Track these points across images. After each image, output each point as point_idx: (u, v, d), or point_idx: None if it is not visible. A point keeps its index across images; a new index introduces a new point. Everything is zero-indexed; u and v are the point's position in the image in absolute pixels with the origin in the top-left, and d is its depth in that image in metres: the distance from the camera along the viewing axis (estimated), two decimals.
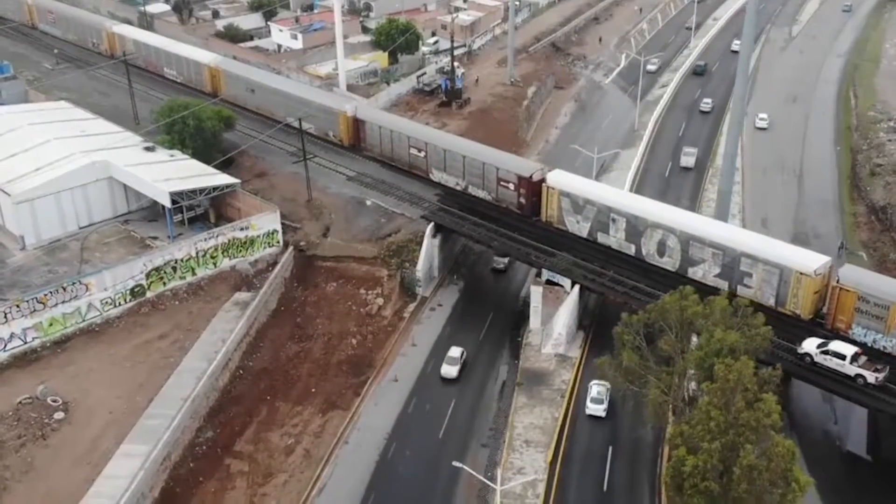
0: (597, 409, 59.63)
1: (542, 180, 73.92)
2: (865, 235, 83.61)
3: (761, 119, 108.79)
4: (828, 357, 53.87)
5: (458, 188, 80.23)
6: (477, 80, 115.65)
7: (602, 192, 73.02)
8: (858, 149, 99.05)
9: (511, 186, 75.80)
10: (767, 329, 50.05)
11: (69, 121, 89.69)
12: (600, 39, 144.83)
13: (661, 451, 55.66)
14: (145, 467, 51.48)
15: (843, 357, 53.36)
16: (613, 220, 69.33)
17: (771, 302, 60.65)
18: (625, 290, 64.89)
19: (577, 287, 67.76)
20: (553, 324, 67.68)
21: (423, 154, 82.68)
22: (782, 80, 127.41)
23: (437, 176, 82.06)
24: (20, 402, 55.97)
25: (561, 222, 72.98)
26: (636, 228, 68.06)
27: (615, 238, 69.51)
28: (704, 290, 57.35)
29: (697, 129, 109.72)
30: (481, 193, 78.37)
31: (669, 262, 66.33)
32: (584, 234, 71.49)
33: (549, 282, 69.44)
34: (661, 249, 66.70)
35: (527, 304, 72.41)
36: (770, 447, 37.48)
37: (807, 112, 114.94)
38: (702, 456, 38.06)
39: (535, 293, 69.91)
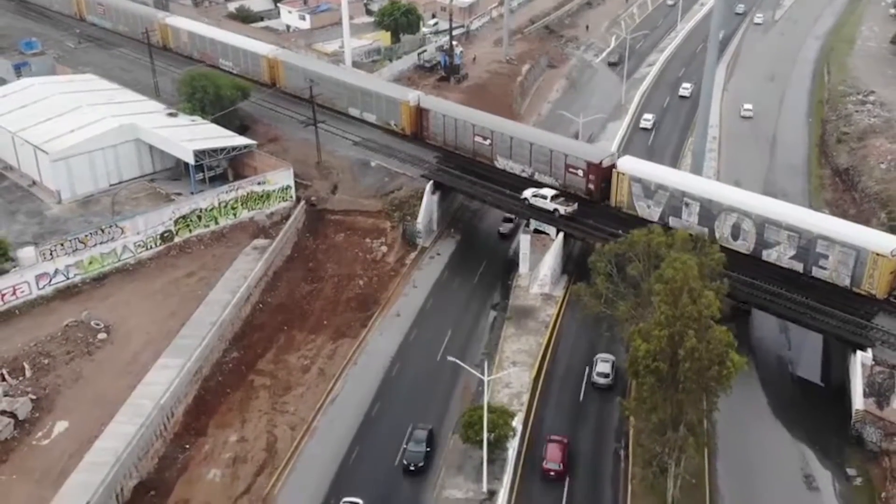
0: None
1: (613, 166, 76.19)
2: (829, 195, 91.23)
3: (746, 109, 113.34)
4: (537, 199, 75.46)
5: (524, 175, 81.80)
6: (475, 59, 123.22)
7: (675, 176, 75.11)
8: (828, 119, 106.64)
9: (580, 173, 77.37)
10: (721, 256, 57.80)
11: (96, 90, 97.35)
12: (587, 27, 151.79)
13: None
14: (180, 377, 59.26)
15: (545, 197, 75.13)
16: (686, 205, 70.79)
17: (846, 282, 63.23)
18: (603, 235, 72.44)
19: (561, 234, 75.42)
20: (540, 267, 75.30)
21: (488, 142, 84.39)
22: (763, 59, 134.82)
23: (501, 163, 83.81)
24: (67, 325, 63.70)
25: (631, 207, 74.64)
26: (710, 212, 69.67)
27: (687, 222, 70.56)
28: (779, 272, 63.69)
29: (681, 102, 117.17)
30: (548, 180, 79.80)
31: (743, 245, 68.04)
32: (655, 218, 72.54)
33: (536, 231, 77.14)
34: (736, 233, 68.35)
35: (516, 254, 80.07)
36: (710, 334, 45.03)
37: (783, 89, 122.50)
38: (653, 343, 45.66)
39: (524, 241, 77.50)
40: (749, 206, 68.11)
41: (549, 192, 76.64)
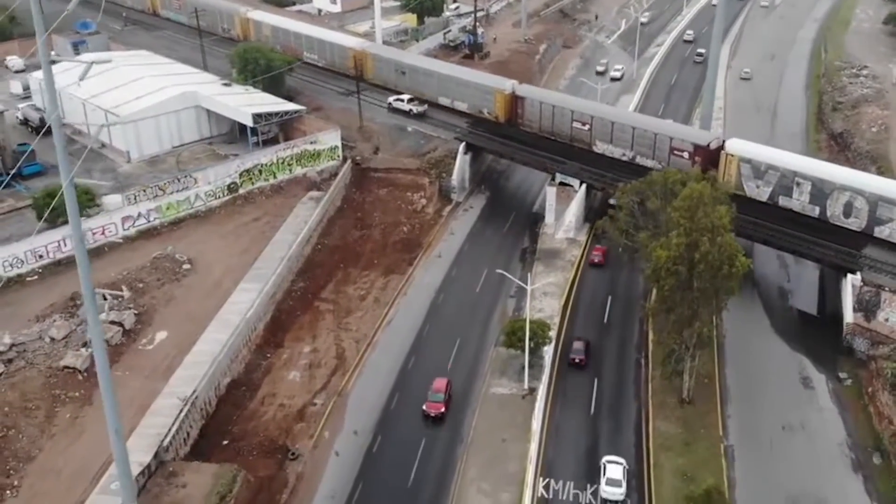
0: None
1: (720, 148, 78.69)
2: (825, 156, 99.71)
3: (745, 72, 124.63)
4: (397, 102, 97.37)
5: (625, 159, 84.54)
6: (495, 39, 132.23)
7: (785, 157, 76.85)
8: (825, 91, 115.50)
9: (685, 155, 79.18)
10: (730, 187, 66.66)
11: (153, 64, 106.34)
12: (596, 16, 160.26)
13: (649, 295, 72.04)
14: (259, 298, 68.22)
15: (403, 101, 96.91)
16: (797, 184, 72.93)
17: None
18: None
19: (584, 186, 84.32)
20: (565, 214, 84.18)
21: (587, 127, 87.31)
22: (764, 40, 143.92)
23: (601, 147, 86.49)
24: (155, 257, 72.69)
25: (739, 188, 76.07)
26: (822, 191, 71.94)
27: (798, 201, 72.99)
28: (891, 249, 67.46)
29: (688, 77, 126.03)
30: (650, 163, 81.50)
31: (855, 223, 70.52)
32: (765, 198, 75.02)
33: (561, 183, 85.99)
34: (848, 211, 70.63)
35: (542, 208, 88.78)
36: (721, 241, 53.79)
37: (783, 66, 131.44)
38: (672, 250, 54.49)
39: (550, 193, 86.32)
40: (862, 185, 70.48)
41: (406, 97, 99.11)
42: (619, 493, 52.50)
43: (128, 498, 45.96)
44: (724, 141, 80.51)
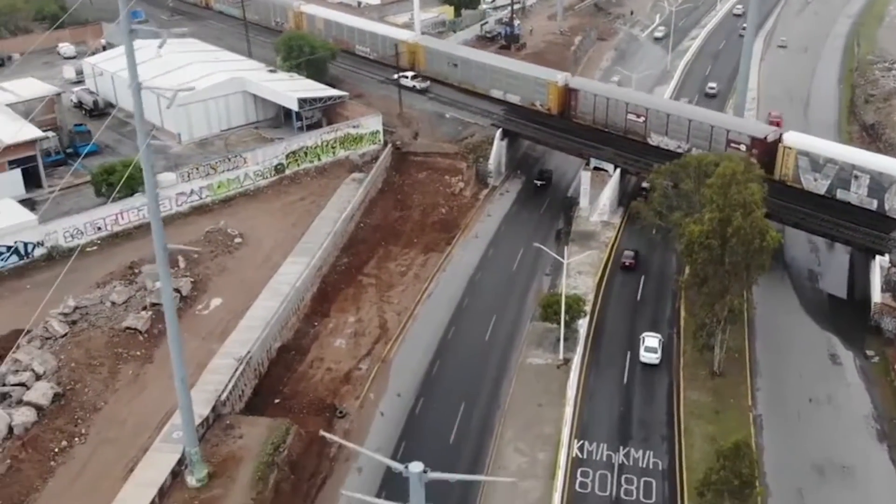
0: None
1: (778, 141, 79.22)
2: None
3: (782, 40, 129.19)
4: (403, 79, 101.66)
5: (680, 151, 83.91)
6: (531, 31, 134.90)
7: (844, 150, 77.79)
8: (857, 84, 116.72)
9: (742, 147, 79.29)
10: (760, 171, 68.78)
11: (201, 51, 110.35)
12: (631, 12, 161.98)
13: (682, 271, 74.25)
14: (307, 270, 71.59)
15: (407, 77, 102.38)
16: (856, 177, 73.30)
17: None
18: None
19: (618, 170, 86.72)
20: (599, 198, 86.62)
21: (642, 119, 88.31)
22: (798, 35, 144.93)
23: (655, 140, 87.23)
24: (208, 231, 76.28)
25: (796, 180, 77.39)
26: (880, 184, 72.43)
27: (856, 194, 73.52)
28: None
29: (720, 70, 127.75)
30: None
31: None
32: (822, 191, 75.71)
33: (596, 168, 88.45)
34: None
35: (576, 193, 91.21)
36: (753, 215, 56.05)
37: (816, 60, 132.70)
38: (706, 225, 56.88)
39: (585, 177, 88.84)
40: None
41: (410, 74, 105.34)
42: (654, 357, 63.69)
43: (191, 442, 49.33)
44: (781, 134, 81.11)
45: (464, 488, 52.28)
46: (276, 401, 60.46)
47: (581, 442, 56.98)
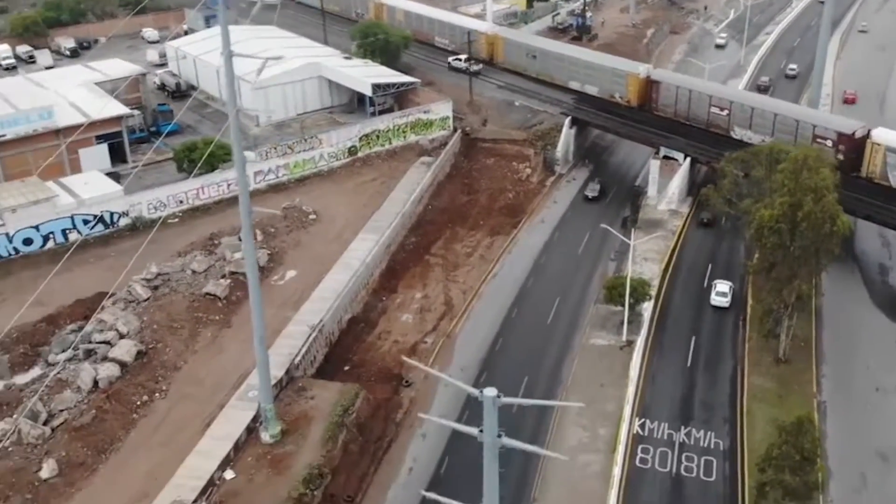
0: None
1: (866, 137, 77.77)
2: None
3: (863, 24, 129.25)
4: (455, 61, 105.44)
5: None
6: (603, 23, 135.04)
7: None
8: None
9: (829, 143, 77.81)
10: (832, 158, 68.15)
11: (279, 38, 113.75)
12: (705, 7, 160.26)
13: (750, 257, 73.83)
14: (377, 247, 73.77)
15: (460, 60, 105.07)
16: None
17: None
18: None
19: (688, 160, 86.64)
20: (668, 186, 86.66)
21: (725, 113, 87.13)
22: (875, 33, 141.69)
23: (739, 133, 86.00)
24: (284, 207, 79.08)
25: (884, 177, 75.55)
26: None
27: None
28: None
29: (796, 63, 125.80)
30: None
31: None
32: None
33: (665, 157, 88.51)
34: None
35: (644, 181, 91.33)
36: (824, 200, 55.85)
37: (894, 57, 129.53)
38: (776, 209, 56.90)
39: (654, 166, 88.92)
40: None
41: (463, 56, 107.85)
42: (724, 301, 68.60)
43: (266, 399, 51.75)
44: (869, 130, 79.43)
45: (525, 458, 53.63)
46: (346, 368, 62.68)
47: (642, 420, 57.67)
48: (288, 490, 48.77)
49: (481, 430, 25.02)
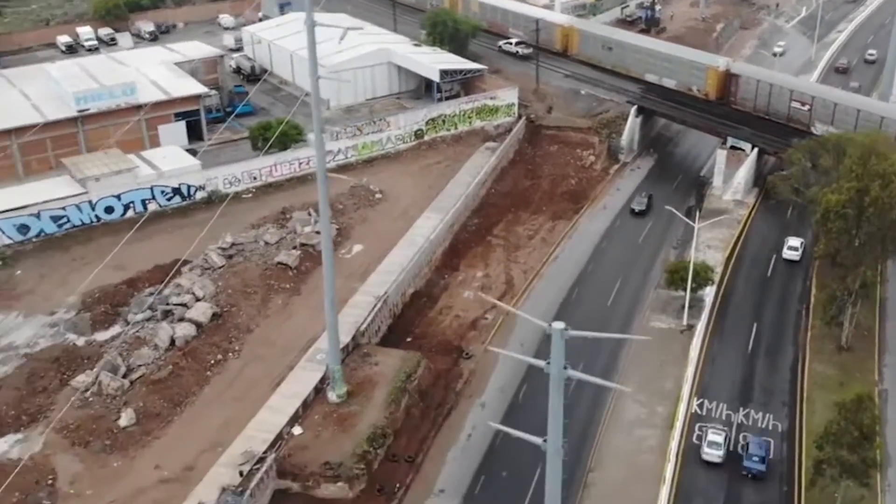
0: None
1: None
2: None
3: None
4: (506, 45, 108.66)
5: None
6: (672, 16, 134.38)
7: None
8: None
9: None
10: None
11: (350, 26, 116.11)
12: (777, 4, 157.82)
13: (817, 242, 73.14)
14: (440, 226, 75.44)
15: (511, 44, 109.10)
16: None
17: None
18: None
19: (755, 150, 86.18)
20: (735, 176, 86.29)
21: (807, 108, 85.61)
22: None
23: (820, 129, 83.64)
24: (352, 186, 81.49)
25: None
26: None
27: None
28: None
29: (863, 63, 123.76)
30: None
31: None
32: None
33: (732, 147, 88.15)
34: None
35: (710, 172, 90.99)
36: (891, 186, 55.46)
37: None
38: (843, 194, 56.71)
39: (721, 156, 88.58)
40: None
41: (515, 40, 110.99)
42: (796, 255, 74.10)
43: (334, 360, 53.85)
44: None
45: (583, 428, 54.75)
46: (408, 339, 64.47)
47: (700, 400, 58.14)
48: (353, 447, 50.78)
49: (548, 363, 26.34)
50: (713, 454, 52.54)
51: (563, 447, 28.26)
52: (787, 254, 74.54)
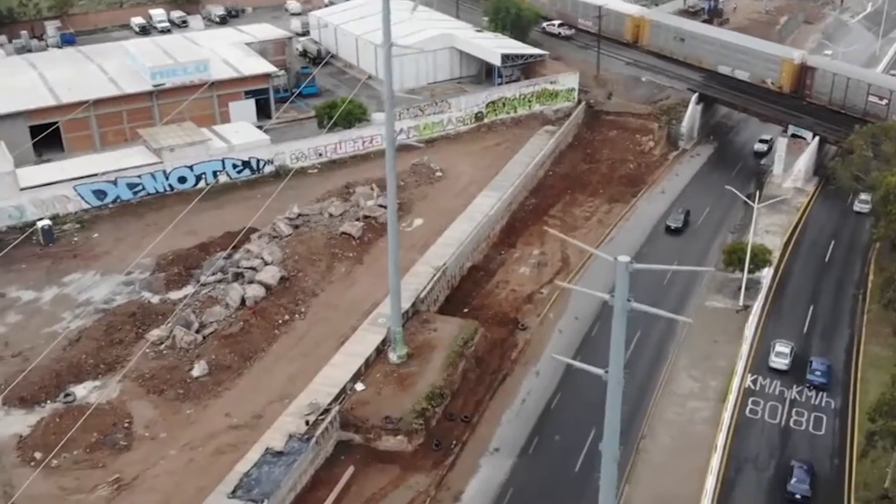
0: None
1: None
2: None
3: None
4: (549, 26, 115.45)
5: None
6: (735, 8, 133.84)
7: None
8: None
9: None
10: None
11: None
12: (842, 1, 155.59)
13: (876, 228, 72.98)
14: (498, 204, 77.07)
15: (554, 25, 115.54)
16: None
17: None
18: None
19: (816, 138, 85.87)
20: (795, 164, 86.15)
21: (884, 102, 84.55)
22: None
23: None
24: (413, 164, 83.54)
25: None
26: None
27: None
28: None
29: None
30: None
31: None
32: None
33: (793, 135, 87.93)
34: None
35: (770, 161, 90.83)
36: None
37: None
38: None
39: (781, 144, 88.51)
40: None
41: (557, 22, 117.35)
42: (866, 207, 77.65)
43: (395, 322, 55.94)
44: None
45: (636, 398, 55.89)
46: (465, 310, 66.13)
47: (755, 376, 58.77)
48: (412, 404, 52.76)
49: (612, 295, 27.89)
50: (780, 362, 59.35)
51: (623, 378, 29.72)
52: (858, 206, 78.61)
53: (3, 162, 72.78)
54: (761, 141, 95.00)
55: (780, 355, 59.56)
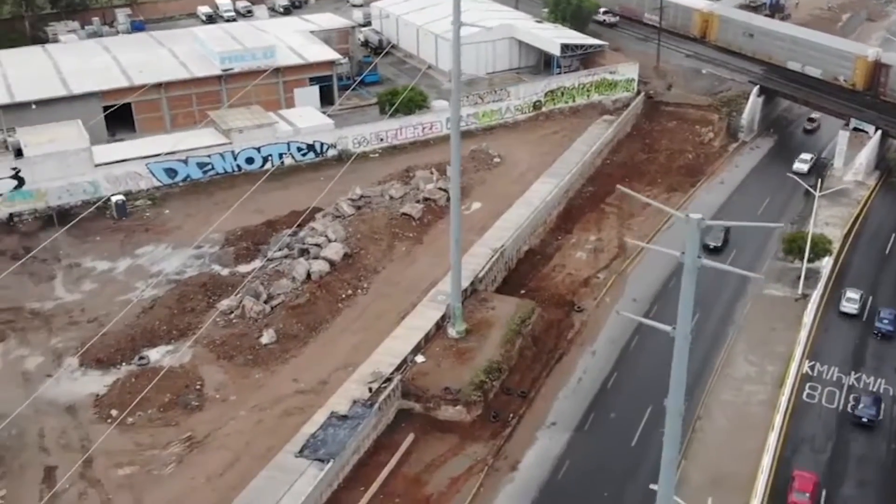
0: None
1: None
2: None
3: None
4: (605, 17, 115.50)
5: None
6: (797, 4, 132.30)
7: None
8: None
9: None
10: None
11: (472, 1, 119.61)
12: None
13: None
14: (555, 190, 78.00)
15: (599, 13, 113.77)
16: None
17: None
18: None
19: (878, 132, 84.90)
20: (856, 158, 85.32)
21: None
22: None
23: None
24: (472, 150, 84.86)
25: None
26: None
27: None
28: None
29: None
30: None
31: None
32: None
33: (855, 129, 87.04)
34: None
35: (830, 154, 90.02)
36: None
37: None
38: None
39: (843, 137, 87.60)
40: None
41: (602, 9, 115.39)
42: None
43: (455, 298, 57.37)
44: None
45: (692, 382, 56.01)
46: (522, 291, 67.19)
47: (812, 363, 58.83)
48: (471, 376, 54.14)
49: (683, 253, 28.85)
50: (850, 307, 63.92)
51: (690, 335, 30.66)
52: None
53: (79, 139, 75.94)
54: (809, 119, 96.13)
55: (851, 301, 64.03)
